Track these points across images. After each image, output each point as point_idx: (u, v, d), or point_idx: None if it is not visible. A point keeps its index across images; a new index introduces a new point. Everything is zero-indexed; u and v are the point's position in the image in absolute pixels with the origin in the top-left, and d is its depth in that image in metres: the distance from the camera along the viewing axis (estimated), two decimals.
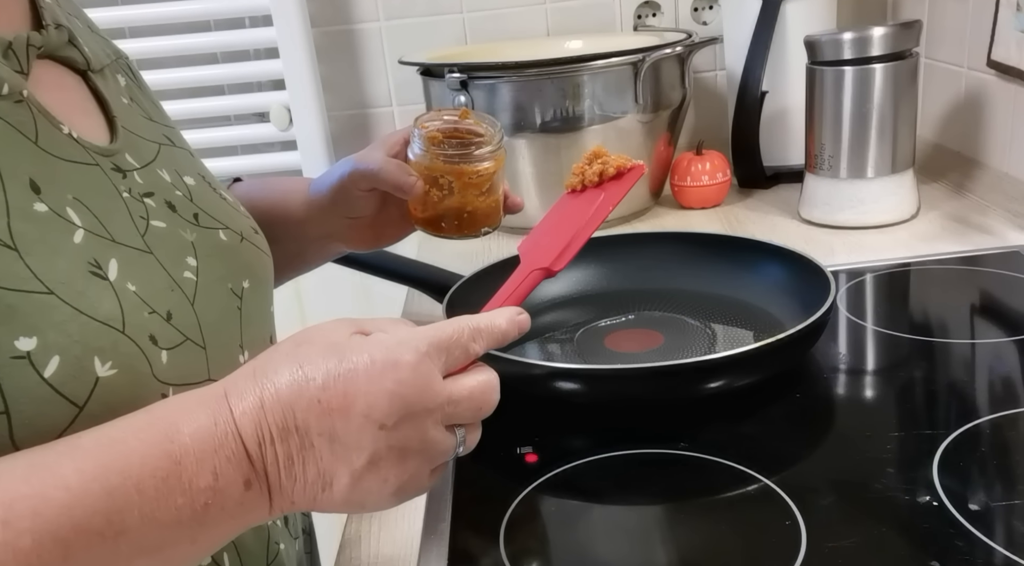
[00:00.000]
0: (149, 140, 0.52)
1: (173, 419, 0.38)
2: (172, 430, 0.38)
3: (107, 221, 0.43)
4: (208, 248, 0.50)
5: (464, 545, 0.54)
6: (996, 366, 0.68)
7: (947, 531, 0.49)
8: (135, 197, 0.47)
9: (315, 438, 0.40)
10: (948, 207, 1.04)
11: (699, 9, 1.30)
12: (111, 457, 0.36)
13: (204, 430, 0.38)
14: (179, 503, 0.37)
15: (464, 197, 0.66)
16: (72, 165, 0.43)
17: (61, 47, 0.48)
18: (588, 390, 0.64)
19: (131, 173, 0.48)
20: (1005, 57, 0.99)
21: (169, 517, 0.37)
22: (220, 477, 0.38)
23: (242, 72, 1.29)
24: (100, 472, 0.36)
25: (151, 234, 0.46)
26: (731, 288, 0.81)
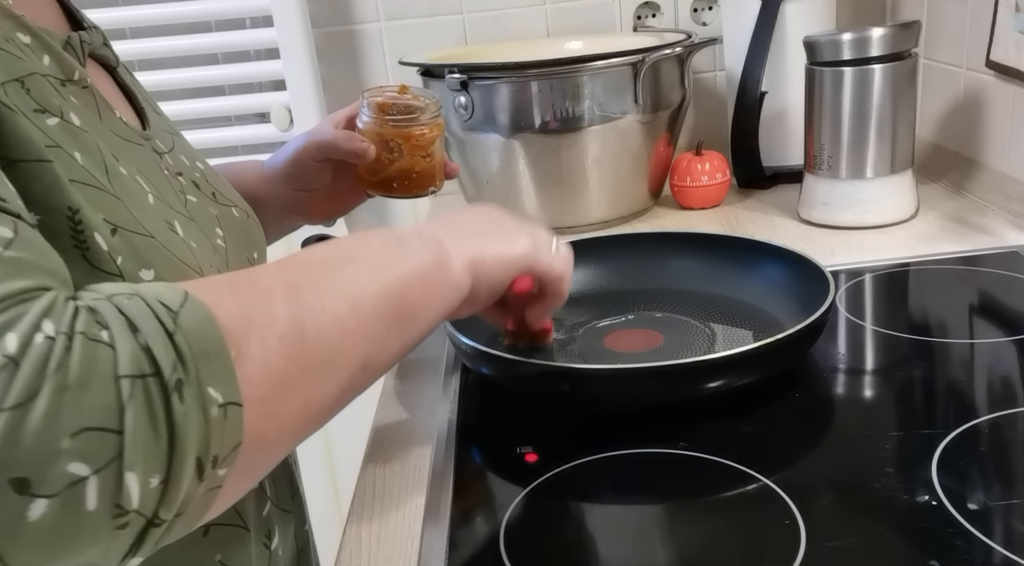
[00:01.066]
0: (166, 130, 0.58)
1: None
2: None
3: (160, 191, 0.49)
4: (228, 222, 0.57)
5: (464, 545, 0.54)
6: (995, 366, 0.68)
7: (946, 530, 0.50)
8: (171, 175, 0.53)
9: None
10: (947, 207, 1.04)
11: (699, 10, 1.31)
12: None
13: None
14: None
15: (412, 159, 0.74)
16: (128, 144, 0.49)
17: (99, 47, 0.53)
18: (588, 390, 0.64)
19: (164, 155, 0.54)
20: (1004, 57, 1.00)
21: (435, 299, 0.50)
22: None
23: (243, 73, 1.29)
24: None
25: (189, 206, 0.52)
26: (731, 288, 0.81)
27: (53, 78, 0.44)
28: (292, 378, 0.38)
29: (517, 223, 0.60)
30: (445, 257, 0.51)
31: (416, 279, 0.48)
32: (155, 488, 0.32)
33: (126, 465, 0.31)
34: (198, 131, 1.30)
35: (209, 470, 0.34)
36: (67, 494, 0.30)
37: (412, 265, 0.49)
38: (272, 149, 1.34)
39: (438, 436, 0.67)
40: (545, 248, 0.60)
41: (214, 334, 0.35)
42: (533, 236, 0.59)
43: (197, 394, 0.33)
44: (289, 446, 0.40)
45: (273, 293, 0.39)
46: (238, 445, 0.35)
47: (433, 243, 0.52)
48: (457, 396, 0.71)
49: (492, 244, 0.56)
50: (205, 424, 0.33)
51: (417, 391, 0.76)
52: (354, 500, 0.62)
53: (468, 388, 0.72)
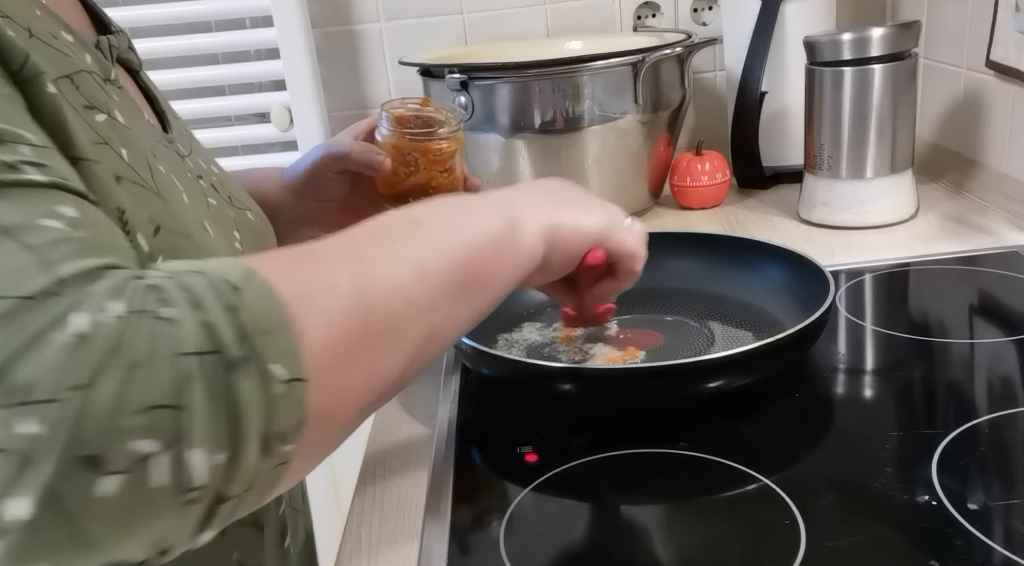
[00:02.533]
0: (184, 133, 0.59)
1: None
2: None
3: (190, 194, 0.50)
4: (244, 225, 0.57)
5: (464, 544, 0.54)
6: (995, 366, 0.68)
7: (946, 530, 0.50)
8: (194, 177, 0.54)
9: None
10: (947, 207, 1.04)
11: (699, 10, 1.31)
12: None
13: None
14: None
15: (429, 174, 0.72)
16: (159, 144, 0.50)
17: (125, 50, 0.54)
18: (588, 390, 0.64)
19: (186, 159, 0.55)
20: (1004, 57, 1.00)
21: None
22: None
23: (243, 73, 1.29)
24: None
25: (211, 208, 0.53)
26: (731, 288, 0.81)
27: (97, 75, 0.45)
28: (356, 351, 0.38)
29: (591, 196, 0.59)
30: (518, 222, 0.50)
31: (487, 245, 0.47)
32: (221, 464, 0.32)
33: (191, 442, 0.31)
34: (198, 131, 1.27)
35: (275, 446, 0.34)
36: (135, 470, 0.30)
37: (482, 231, 0.47)
38: (272, 149, 1.35)
39: (438, 436, 0.67)
40: (620, 223, 0.58)
41: (277, 310, 0.34)
42: (608, 210, 0.58)
43: (259, 371, 0.33)
44: (356, 420, 0.40)
45: (336, 266, 0.39)
46: (303, 421, 0.35)
47: (505, 208, 0.50)
48: (457, 396, 0.71)
49: (567, 213, 0.54)
50: (268, 401, 0.33)
51: (417, 391, 0.76)
52: (354, 500, 0.62)
53: (468, 388, 0.72)
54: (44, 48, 0.41)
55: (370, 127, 0.75)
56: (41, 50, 0.40)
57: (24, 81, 0.38)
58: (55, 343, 0.29)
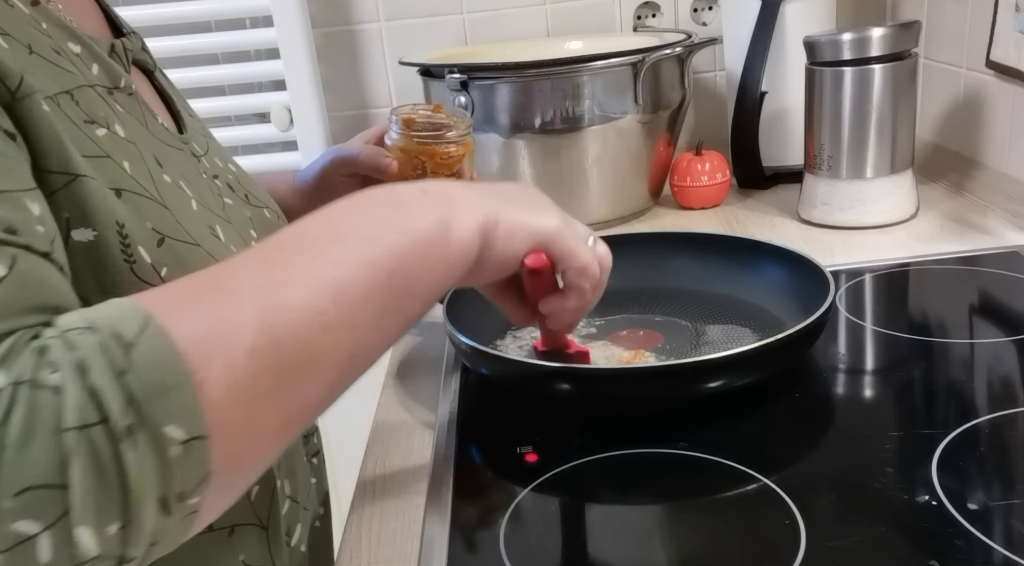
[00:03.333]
0: (201, 132, 0.59)
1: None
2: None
3: (202, 196, 0.50)
4: (261, 223, 0.58)
5: (464, 544, 0.54)
6: (995, 366, 0.68)
7: (946, 530, 0.50)
8: (209, 178, 0.54)
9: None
10: (947, 207, 1.04)
11: (699, 10, 1.31)
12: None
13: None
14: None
15: (436, 177, 0.72)
16: (170, 149, 0.50)
17: (139, 52, 0.55)
18: (588, 390, 0.64)
19: (201, 158, 0.55)
20: (1004, 57, 0.99)
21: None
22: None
23: (243, 73, 1.29)
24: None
25: (227, 209, 0.53)
26: (731, 288, 0.81)
27: (101, 87, 0.45)
28: (266, 391, 0.35)
29: (551, 203, 0.54)
30: (451, 217, 0.46)
31: (414, 248, 0.43)
32: (115, 534, 0.31)
33: (76, 520, 0.30)
34: None
35: (176, 504, 0.32)
36: (17, 551, 0.29)
37: (410, 233, 0.43)
38: (272, 149, 1.35)
39: (438, 436, 0.67)
40: (574, 234, 0.53)
41: (172, 366, 0.32)
42: (565, 219, 0.53)
43: (151, 437, 0.31)
44: (273, 454, 0.38)
45: (240, 297, 0.36)
46: (207, 476, 0.33)
47: (440, 201, 0.46)
48: (457, 396, 0.71)
49: (512, 209, 0.50)
50: (162, 465, 0.31)
51: (417, 391, 0.76)
52: (354, 500, 0.62)
53: (468, 388, 0.72)
54: (44, 65, 0.41)
55: (381, 132, 0.76)
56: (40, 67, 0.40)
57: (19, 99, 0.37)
58: None
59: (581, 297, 0.54)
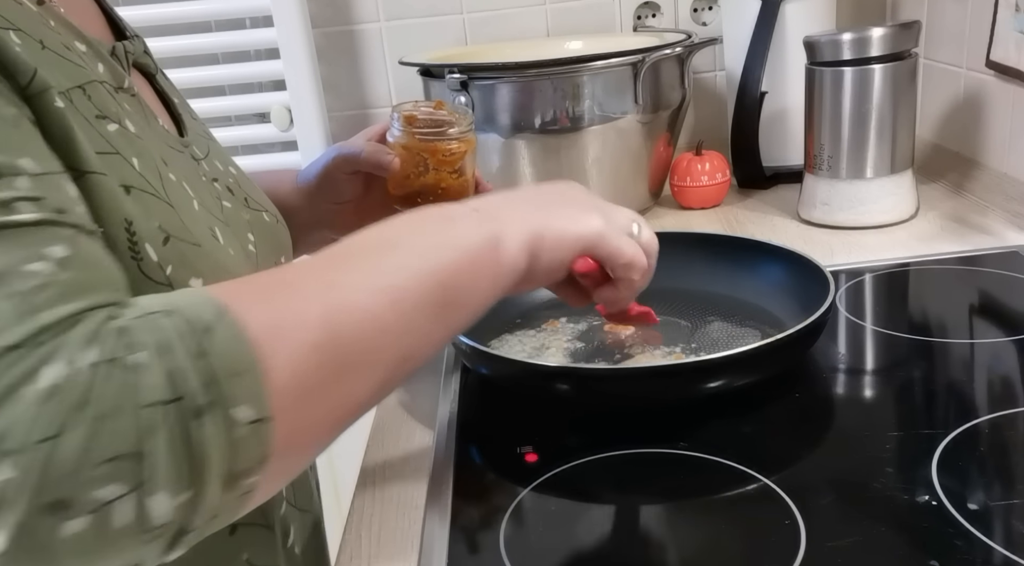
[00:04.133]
0: (202, 135, 0.59)
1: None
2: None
3: (202, 198, 0.50)
4: (259, 227, 0.58)
5: (464, 544, 0.54)
6: (995, 366, 0.68)
7: (946, 530, 0.50)
8: (208, 181, 0.54)
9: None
10: (947, 207, 1.04)
11: (699, 10, 1.31)
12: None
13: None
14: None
15: (438, 175, 0.71)
16: (173, 150, 0.50)
17: (141, 55, 0.55)
18: (588, 390, 0.64)
19: (201, 161, 0.55)
20: (1004, 57, 1.00)
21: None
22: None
23: (243, 73, 1.29)
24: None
25: (225, 212, 0.53)
26: (731, 288, 0.81)
27: (108, 85, 0.46)
28: (325, 384, 0.38)
29: (592, 200, 0.56)
30: (500, 234, 0.48)
31: (465, 263, 0.46)
32: (183, 503, 0.33)
33: (154, 487, 0.32)
34: None
35: (238, 481, 0.35)
36: (100, 513, 0.31)
37: (462, 248, 0.46)
38: (272, 149, 1.35)
39: (438, 436, 0.67)
40: (617, 230, 0.55)
41: (245, 350, 0.35)
42: (606, 215, 0.55)
43: (224, 416, 0.34)
44: (324, 444, 0.41)
45: (307, 296, 0.39)
46: (266, 457, 0.35)
47: (489, 219, 0.49)
48: (457, 396, 0.71)
49: (556, 220, 0.52)
50: (231, 443, 0.34)
51: (417, 391, 0.76)
52: (354, 500, 0.62)
53: (468, 388, 0.72)
54: (56, 60, 0.41)
55: (383, 130, 0.75)
56: (53, 62, 0.41)
57: (32, 96, 0.38)
58: (27, 397, 0.30)
59: (631, 286, 0.58)
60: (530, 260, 0.50)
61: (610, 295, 0.59)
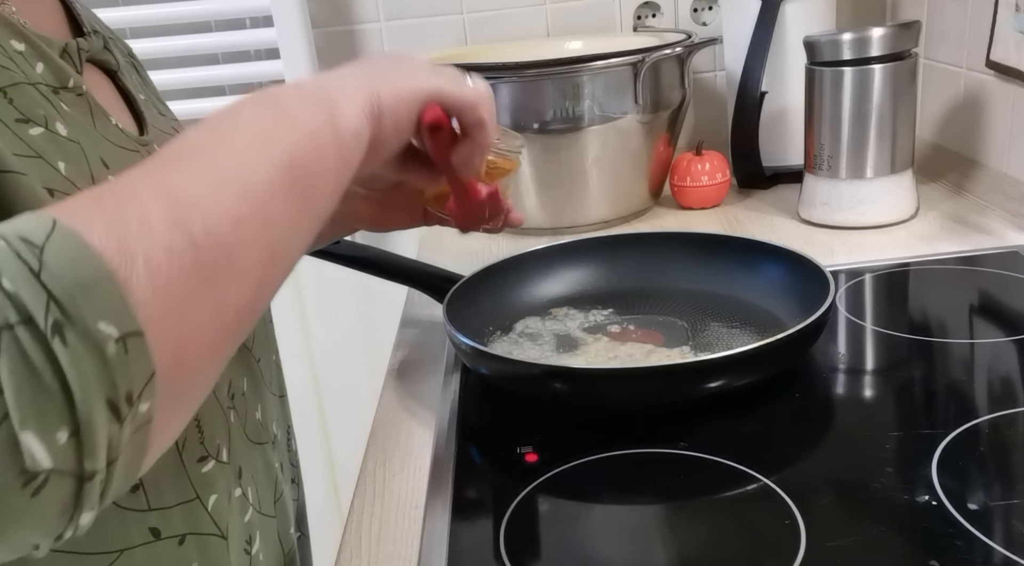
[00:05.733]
0: (167, 131, 0.57)
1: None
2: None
3: None
4: None
5: (464, 545, 0.54)
6: (995, 366, 0.68)
7: (946, 531, 0.50)
8: None
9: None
10: (947, 207, 1.04)
11: (699, 10, 1.31)
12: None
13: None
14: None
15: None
16: (124, 151, 0.48)
17: (99, 51, 0.53)
18: (588, 390, 0.64)
19: None
20: (1004, 57, 1.00)
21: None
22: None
23: (243, 73, 1.29)
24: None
25: None
26: (731, 288, 0.81)
27: (44, 86, 0.44)
28: (193, 287, 0.35)
29: (418, 60, 0.57)
30: (334, 108, 0.47)
31: (307, 142, 0.44)
32: (66, 443, 0.30)
33: (18, 425, 0.29)
34: None
35: (127, 409, 0.32)
36: None
37: (299, 128, 0.44)
38: None
39: (438, 436, 0.67)
40: (453, 78, 0.56)
41: (91, 263, 0.32)
42: (437, 70, 0.56)
43: (83, 334, 0.30)
44: (217, 360, 0.38)
45: (145, 201, 0.35)
46: (152, 375, 0.32)
47: (318, 96, 0.47)
48: (457, 396, 0.71)
49: (388, 79, 0.52)
50: (102, 364, 0.31)
51: (417, 391, 0.76)
52: (354, 500, 0.62)
53: (468, 388, 0.72)
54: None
55: None
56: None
57: None
58: None
59: (483, 131, 0.58)
60: (372, 122, 0.49)
61: (466, 151, 0.59)
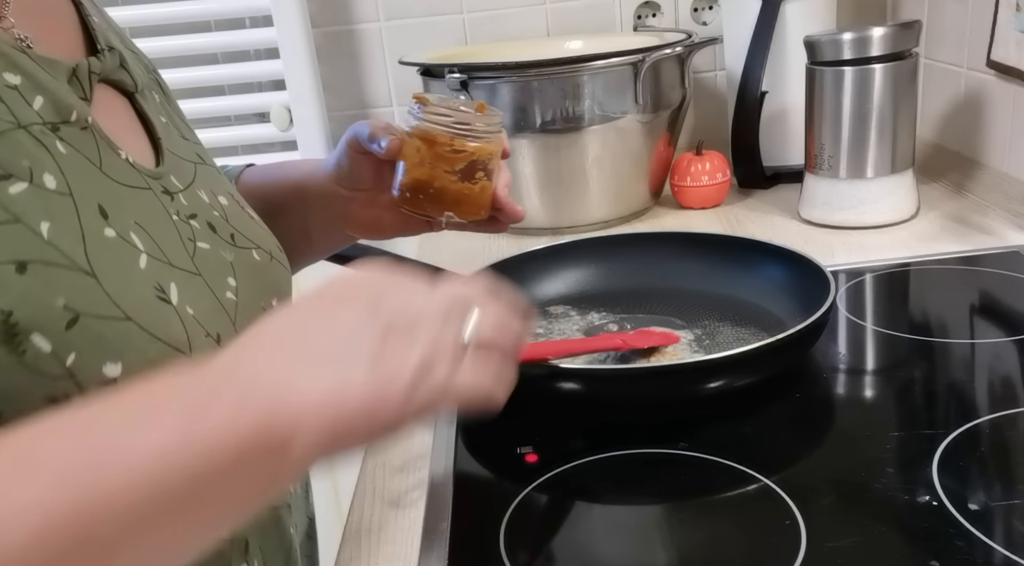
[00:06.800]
0: (187, 160, 0.53)
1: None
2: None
3: (163, 244, 0.45)
4: (245, 268, 0.51)
5: (464, 545, 0.54)
6: (996, 366, 0.68)
7: (947, 531, 0.50)
8: (182, 219, 0.48)
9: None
10: (948, 207, 1.04)
11: (699, 9, 1.30)
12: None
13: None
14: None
15: (433, 171, 0.62)
16: (131, 190, 0.45)
17: (114, 70, 0.49)
18: (588, 390, 0.64)
19: (177, 195, 0.49)
20: (1004, 57, 0.99)
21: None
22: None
23: (242, 72, 1.29)
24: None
25: (198, 256, 0.47)
26: (731, 288, 0.81)
27: (40, 125, 0.40)
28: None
29: (368, 315, 0.40)
30: (282, 441, 0.35)
31: (218, 474, 0.34)
32: None
33: None
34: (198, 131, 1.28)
35: None
36: None
37: (212, 456, 0.34)
38: (272, 149, 1.35)
39: (438, 436, 0.66)
40: (428, 367, 0.41)
41: None
42: (409, 335, 0.40)
43: None
44: None
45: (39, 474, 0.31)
46: None
47: (244, 398, 0.35)
48: None
49: (305, 385, 0.37)
50: None
51: None
52: (354, 500, 0.62)
53: None
54: None
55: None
56: None
57: None
58: None
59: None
60: (328, 448, 0.37)
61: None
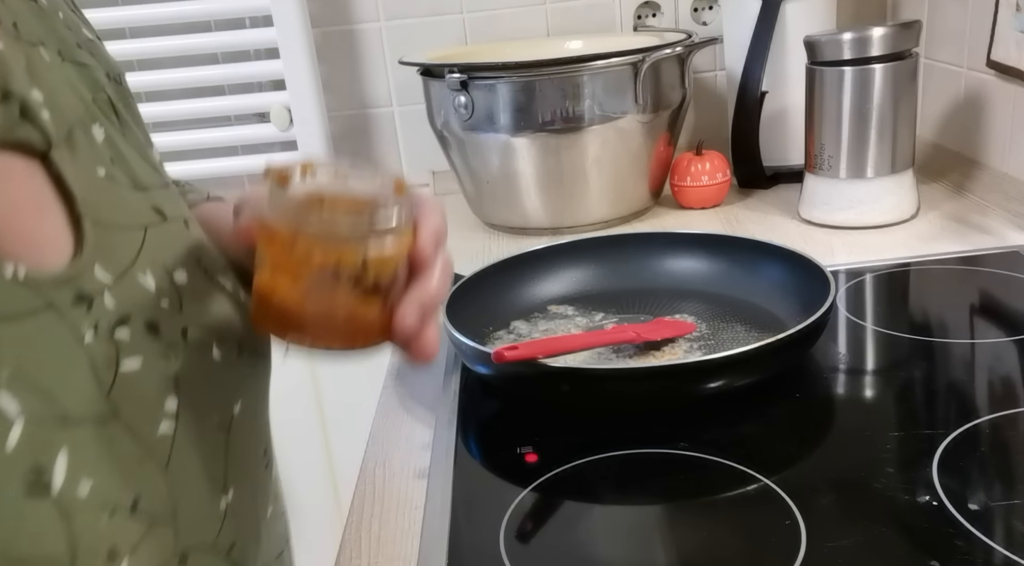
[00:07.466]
0: (132, 226, 0.40)
1: None
2: None
3: (59, 390, 0.33)
4: (195, 377, 0.41)
5: (464, 545, 0.54)
6: (996, 366, 0.68)
7: (947, 531, 0.50)
8: (101, 336, 0.36)
9: None
10: (948, 207, 1.04)
11: (699, 9, 1.30)
12: None
13: None
14: None
15: (273, 279, 0.41)
16: (14, 325, 0.32)
17: (13, 127, 0.35)
18: (588, 390, 0.64)
19: (99, 298, 0.36)
20: (1005, 57, 0.99)
21: None
22: None
23: (242, 72, 1.29)
24: None
25: (119, 386, 0.36)
26: (731, 288, 0.81)
27: None
28: None
29: None
30: None
31: None
32: None
33: None
34: (198, 131, 1.29)
35: None
36: None
37: None
38: (271, 149, 1.35)
39: (438, 436, 0.66)
40: None
41: None
42: None
43: None
44: None
45: None
46: None
47: None
48: (457, 396, 0.71)
49: None
50: None
51: (417, 391, 0.76)
52: (354, 500, 0.62)
53: (468, 388, 0.72)
54: None
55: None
56: None
57: None
58: None
59: None
60: None
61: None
